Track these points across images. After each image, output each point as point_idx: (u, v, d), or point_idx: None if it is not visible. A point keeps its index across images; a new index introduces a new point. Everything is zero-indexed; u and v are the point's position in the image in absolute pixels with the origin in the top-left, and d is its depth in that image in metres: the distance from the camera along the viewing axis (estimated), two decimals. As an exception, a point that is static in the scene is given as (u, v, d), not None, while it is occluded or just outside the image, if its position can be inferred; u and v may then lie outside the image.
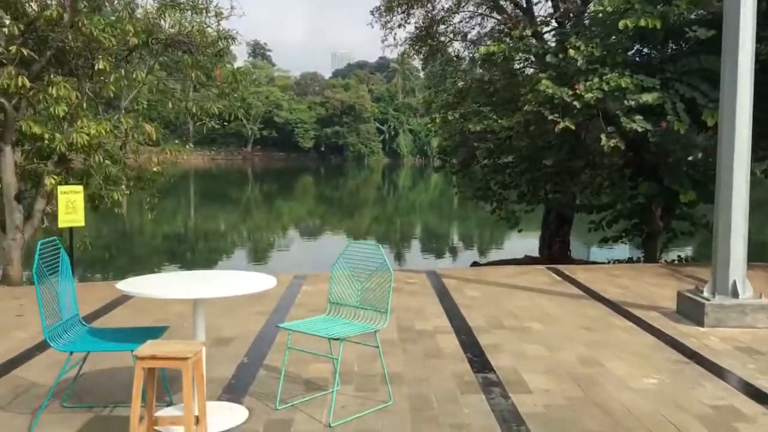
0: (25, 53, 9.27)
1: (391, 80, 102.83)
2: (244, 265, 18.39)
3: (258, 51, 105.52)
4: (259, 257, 20.77)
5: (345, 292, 4.53)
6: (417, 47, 15.87)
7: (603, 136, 9.71)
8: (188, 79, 11.32)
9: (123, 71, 10.33)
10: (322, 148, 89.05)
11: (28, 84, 9.27)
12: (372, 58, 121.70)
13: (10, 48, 9.14)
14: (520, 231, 14.45)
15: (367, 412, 4.22)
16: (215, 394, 4.57)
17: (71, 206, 9.61)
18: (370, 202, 46.31)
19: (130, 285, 4.10)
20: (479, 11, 15.37)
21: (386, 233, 28.49)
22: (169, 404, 4.40)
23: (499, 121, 10.23)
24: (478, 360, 5.41)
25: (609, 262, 13.01)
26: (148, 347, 3.45)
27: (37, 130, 9.55)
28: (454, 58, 15.07)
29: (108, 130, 10.05)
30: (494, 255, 17.76)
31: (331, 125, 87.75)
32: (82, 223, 9.94)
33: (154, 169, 11.17)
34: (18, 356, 5.61)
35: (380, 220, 34.86)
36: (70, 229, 10.02)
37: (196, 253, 22.16)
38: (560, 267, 10.38)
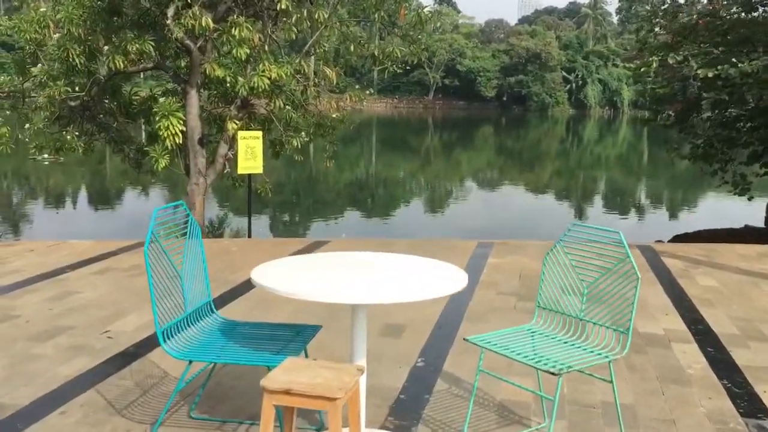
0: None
1: (582, 26, 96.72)
2: (422, 217, 17.80)
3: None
4: (435, 207, 20.14)
5: (562, 296, 3.42)
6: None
7: None
8: (372, 21, 10.57)
9: (305, 11, 9.75)
10: (504, 98, 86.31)
11: (212, 24, 8.99)
12: (561, 4, 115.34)
13: (195, -14, 8.87)
14: (750, 199, 12.15)
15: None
16: (379, 418, 3.51)
17: (250, 152, 9.35)
18: (552, 154, 43.97)
19: (268, 276, 3.05)
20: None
21: (567, 188, 26.58)
22: (320, 429, 3.44)
23: (740, 65, 8.32)
24: (742, 393, 3.93)
25: None
26: (281, 375, 2.48)
27: (219, 73, 9.31)
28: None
29: (289, 73, 9.61)
30: (698, 222, 15.52)
31: (515, 74, 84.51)
32: (260, 170, 9.69)
33: (334, 116, 10.63)
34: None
35: (562, 174, 32.84)
36: (249, 176, 9.82)
37: (375, 199, 22.07)
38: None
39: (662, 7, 12.47)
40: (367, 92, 11.67)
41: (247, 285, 6.26)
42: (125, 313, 5.41)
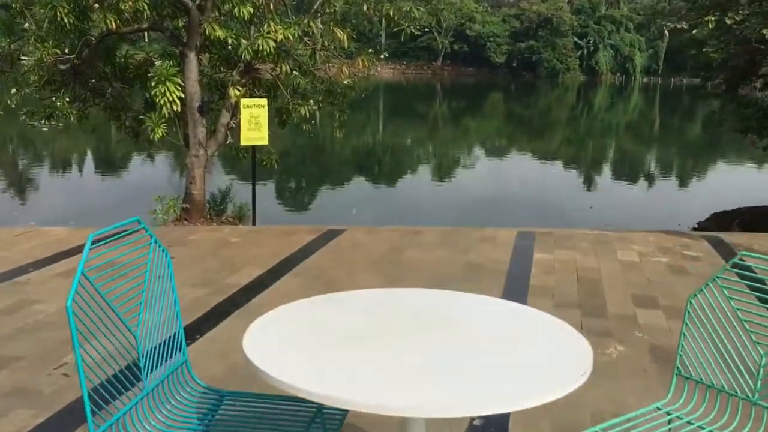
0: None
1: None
2: (430, 190, 17.07)
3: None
4: (452, 182, 19.41)
5: (721, 363, 2.39)
6: None
7: None
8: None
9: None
10: (514, 64, 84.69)
11: (212, -20, 8.17)
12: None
13: (192, -63, 8.03)
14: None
15: None
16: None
17: (254, 122, 8.61)
18: (562, 122, 42.98)
19: (271, 354, 2.02)
20: None
21: (585, 160, 25.74)
22: None
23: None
24: None
25: None
26: None
27: (220, 34, 8.53)
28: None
29: (296, 35, 8.81)
30: (729, 196, 14.65)
31: (526, 39, 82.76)
32: (265, 142, 8.97)
33: (345, 82, 9.84)
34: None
35: (581, 144, 32.01)
36: (253, 148, 9.08)
37: (386, 172, 21.48)
38: None
39: None
40: (381, 56, 10.85)
41: (248, 292, 5.53)
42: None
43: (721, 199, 13.47)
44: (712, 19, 7.99)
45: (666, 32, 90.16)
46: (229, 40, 8.61)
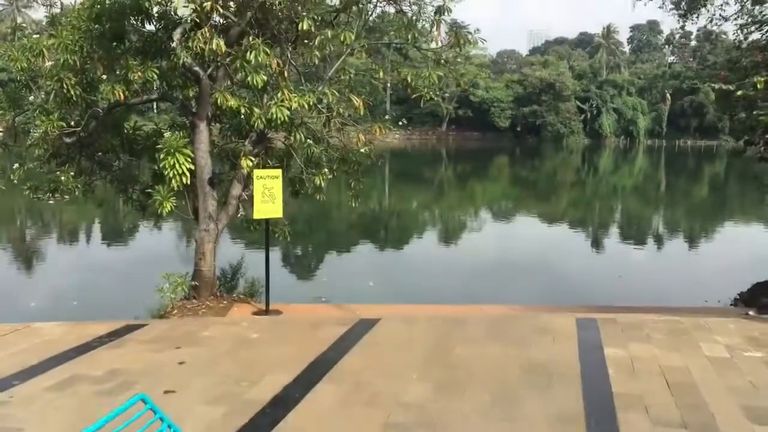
0: (220, 9, 7.85)
1: (594, 56, 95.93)
2: (444, 257, 16.56)
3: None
4: (455, 238, 18.98)
5: None
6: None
7: None
8: (402, 44, 9.45)
9: (329, 33, 8.63)
10: (518, 128, 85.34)
11: (224, 48, 7.86)
12: (571, 34, 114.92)
13: (204, 4, 7.75)
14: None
15: None
16: None
17: (268, 193, 8.17)
18: (567, 185, 42.79)
19: None
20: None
21: (591, 223, 25.24)
22: None
23: None
24: None
25: None
26: None
27: (233, 103, 8.17)
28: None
29: (312, 103, 8.45)
30: (752, 265, 13.97)
31: (529, 104, 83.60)
32: (280, 215, 8.52)
33: (362, 150, 9.43)
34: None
35: (582, 206, 31.67)
36: (267, 221, 8.61)
37: (395, 232, 21.18)
38: None
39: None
40: (399, 123, 10.50)
41: (276, 409, 4.59)
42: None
43: (746, 267, 12.84)
44: (761, 80, 7.56)
45: (668, 95, 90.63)
46: (242, 110, 8.24)
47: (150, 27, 9.21)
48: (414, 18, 9.17)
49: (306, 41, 8.75)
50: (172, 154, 8.14)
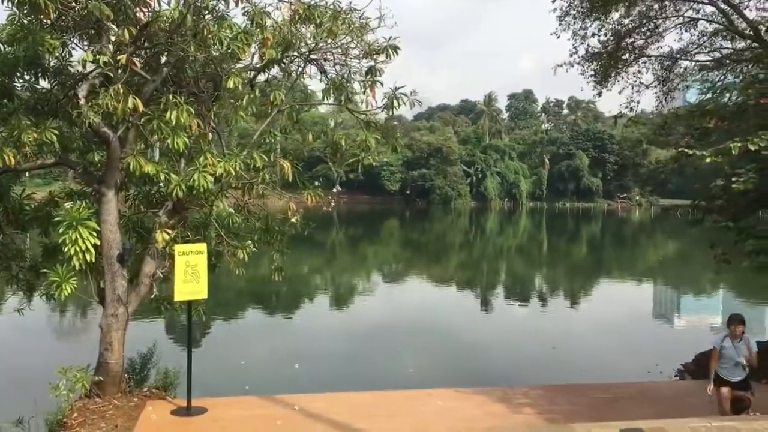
0: (138, 64, 6.90)
1: (477, 122, 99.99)
2: (332, 313, 15.74)
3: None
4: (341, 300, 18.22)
5: None
6: (602, 63, 12.82)
7: None
8: (332, 104, 8.81)
9: (257, 91, 7.85)
10: (408, 191, 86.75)
11: (141, 107, 6.88)
12: (453, 101, 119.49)
13: (118, 58, 6.78)
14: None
15: None
16: None
17: (191, 272, 7.14)
18: (456, 247, 43.54)
19: None
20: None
21: (482, 283, 25.36)
22: None
23: None
24: None
25: None
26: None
27: (150, 169, 7.14)
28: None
29: (238, 168, 7.55)
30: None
31: (418, 168, 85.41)
32: (205, 295, 7.45)
33: (293, 220, 8.58)
34: None
35: (467, 266, 32.05)
36: (189, 303, 7.51)
37: (280, 296, 20.29)
38: None
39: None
40: (334, 189, 9.74)
41: None
42: None
43: (671, 334, 12.82)
44: (737, 145, 7.44)
45: (546, 160, 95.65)
46: (162, 176, 7.22)
47: (44, 83, 8.07)
48: (343, 79, 8.56)
49: (231, 100, 7.88)
50: (73, 228, 6.96)
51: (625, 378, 10.06)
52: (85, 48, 7.42)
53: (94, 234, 7.08)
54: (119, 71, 7.03)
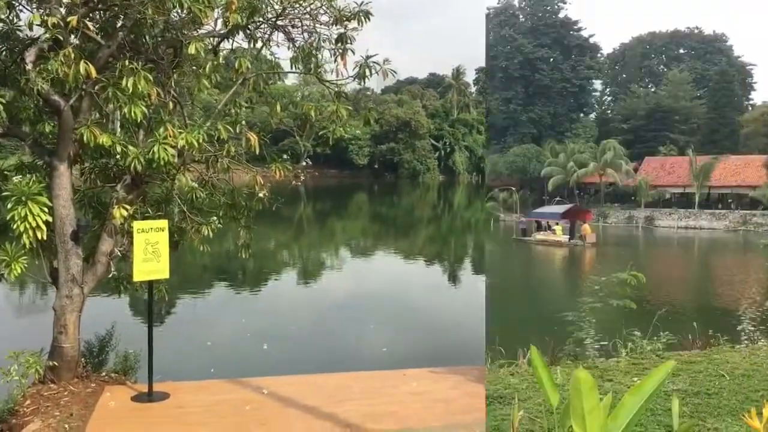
0: (91, 27, 6.39)
1: (445, 96, 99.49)
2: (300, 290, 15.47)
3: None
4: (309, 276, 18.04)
5: None
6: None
7: None
8: (301, 72, 8.38)
9: (221, 58, 7.38)
10: (376, 165, 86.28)
11: (94, 73, 6.38)
12: (421, 75, 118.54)
13: (68, 19, 6.26)
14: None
15: None
16: None
17: (151, 250, 6.72)
18: (425, 221, 43.64)
19: None
20: None
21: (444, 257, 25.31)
22: None
23: None
24: None
25: None
26: None
27: (105, 140, 6.67)
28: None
29: (201, 141, 7.11)
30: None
31: (386, 142, 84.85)
32: (166, 275, 7.03)
33: (260, 194, 8.18)
34: None
35: (436, 240, 31.96)
36: (150, 283, 7.09)
37: (246, 272, 19.97)
38: None
39: None
40: (303, 163, 9.36)
41: None
42: None
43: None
44: None
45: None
46: (118, 148, 6.75)
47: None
48: (311, 47, 8.13)
49: (194, 67, 7.40)
50: (23, 204, 6.48)
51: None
52: (33, 10, 6.88)
53: (46, 210, 6.62)
54: (70, 35, 6.55)
